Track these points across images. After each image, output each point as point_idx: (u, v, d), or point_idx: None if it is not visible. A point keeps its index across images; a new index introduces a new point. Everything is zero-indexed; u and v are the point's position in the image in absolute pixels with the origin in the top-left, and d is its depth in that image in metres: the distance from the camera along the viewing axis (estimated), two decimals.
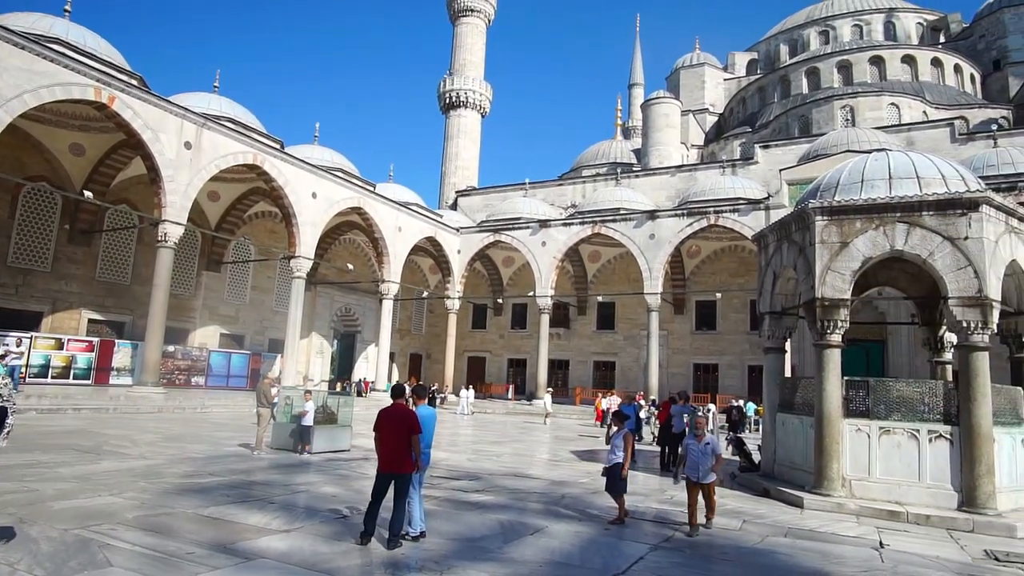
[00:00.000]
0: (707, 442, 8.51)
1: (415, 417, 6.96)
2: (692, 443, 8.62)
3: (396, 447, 6.77)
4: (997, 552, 7.88)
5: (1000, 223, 10.43)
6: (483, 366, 43.10)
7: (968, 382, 9.92)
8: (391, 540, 6.73)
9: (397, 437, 6.78)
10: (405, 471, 6.79)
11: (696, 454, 8.47)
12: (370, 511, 6.83)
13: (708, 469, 8.39)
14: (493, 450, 16.87)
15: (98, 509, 7.64)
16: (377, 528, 6.89)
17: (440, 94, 50.88)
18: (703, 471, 8.39)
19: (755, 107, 51.42)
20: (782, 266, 12.49)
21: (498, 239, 37.17)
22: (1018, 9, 46.94)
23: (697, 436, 8.62)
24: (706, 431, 8.71)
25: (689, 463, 8.57)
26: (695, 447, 8.53)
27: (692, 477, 8.49)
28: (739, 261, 35.48)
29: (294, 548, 6.60)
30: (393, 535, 6.75)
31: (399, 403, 7.08)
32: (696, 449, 8.50)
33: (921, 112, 40.74)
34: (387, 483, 6.83)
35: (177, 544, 6.43)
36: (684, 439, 8.99)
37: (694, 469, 8.46)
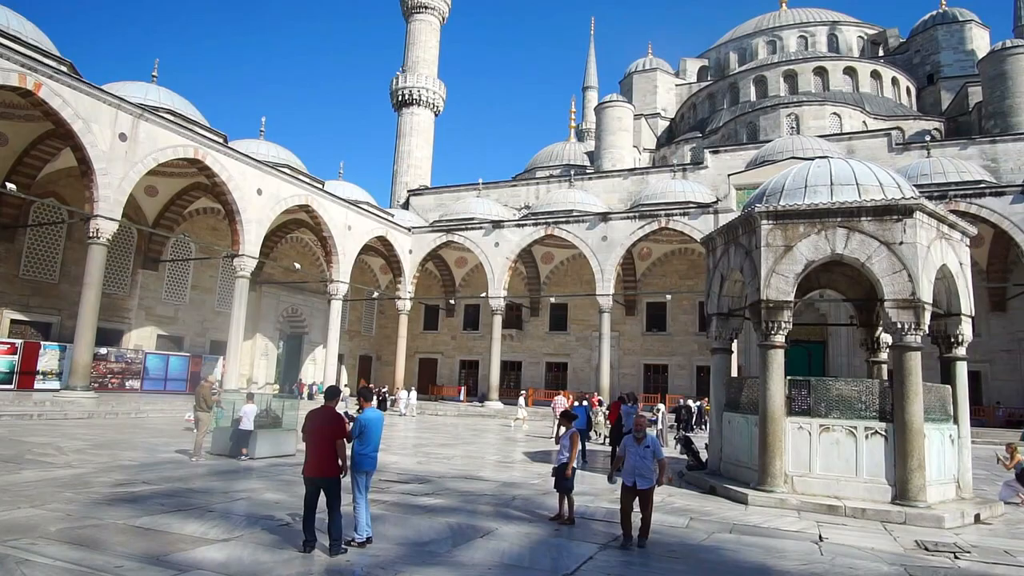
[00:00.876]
0: (647, 444, 7.62)
1: (342, 420, 6.82)
2: (631, 444, 7.72)
3: (323, 451, 6.62)
4: (927, 542, 8.19)
5: (932, 229, 10.88)
6: (435, 368, 42.76)
7: (902, 381, 10.31)
8: (332, 546, 6.55)
9: (324, 441, 6.63)
10: (332, 475, 6.63)
11: (634, 457, 7.60)
12: (306, 518, 6.66)
13: (647, 474, 7.53)
14: (443, 453, 16.70)
15: (17, 523, 7.18)
16: (322, 535, 6.70)
17: (393, 91, 50.30)
18: (640, 476, 7.53)
19: (705, 113, 52.60)
20: (729, 268, 12.74)
21: (451, 239, 36.94)
22: (950, 27, 49.42)
23: (637, 437, 7.72)
24: (648, 432, 7.87)
25: (626, 467, 7.69)
26: (634, 449, 7.66)
27: (627, 482, 7.59)
28: (689, 263, 36.18)
29: (233, 558, 6.34)
30: (334, 541, 6.57)
31: (328, 405, 6.95)
32: (635, 451, 7.62)
33: (861, 122, 42.39)
34: (316, 488, 6.66)
35: (105, 558, 6.09)
36: (622, 439, 8.03)
37: (630, 474, 7.58)
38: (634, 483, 7.54)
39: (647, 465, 7.56)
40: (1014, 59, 38.76)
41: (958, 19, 49.55)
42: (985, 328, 29.59)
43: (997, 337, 30.49)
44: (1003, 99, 38.55)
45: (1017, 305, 29.63)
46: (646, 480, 7.54)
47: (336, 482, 6.71)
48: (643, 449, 7.61)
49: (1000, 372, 30.56)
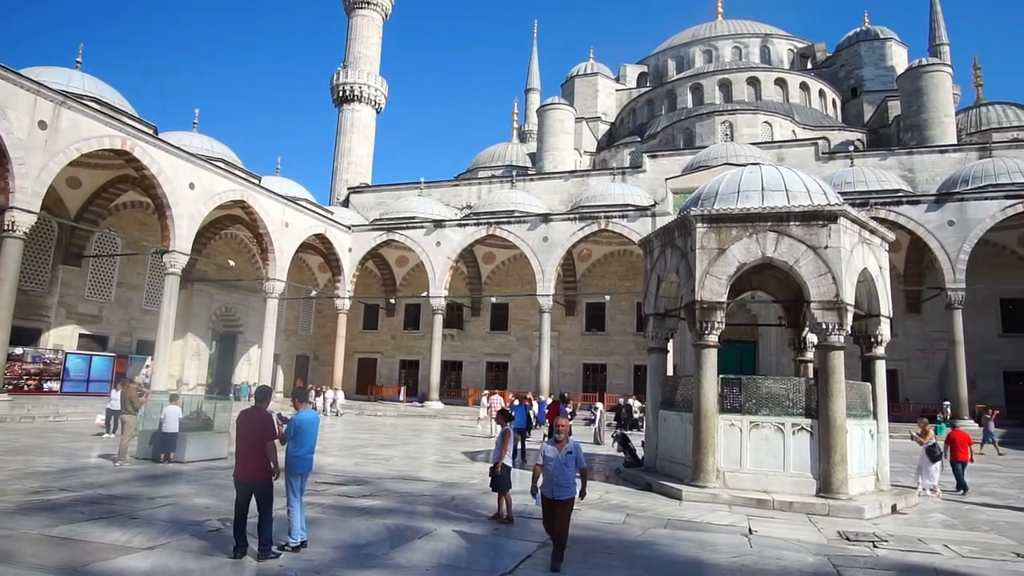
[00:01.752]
0: (569, 450, 6.77)
1: (271, 422, 6.67)
2: (551, 450, 6.83)
3: (253, 453, 6.46)
4: (848, 533, 8.62)
5: (855, 234, 11.46)
6: (374, 368, 42.14)
7: (826, 379, 10.81)
8: (262, 550, 6.38)
9: (254, 442, 6.47)
10: (262, 478, 6.47)
11: (554, 464, 6.71)
12: (237, 522, 6.46)
13: (567, 483, 6.64)
14: (382, 453, 16.49)
15: None
16: (254, 540, 6.50)
17: (333, 86, 49.28)
18: (559, 485, 6.63)
19: (644, 118, 53.76)
20: (666, 270, 13.06)
21: (392, 238, 36.50)
22: (872, 44, 52.19)
23: (558, 441, 6.87)
24: (568, 436, 6.99)
25: (544, 475, 6.80)
26: (554, 455, 6.77)
27: (545, 493, 6.75)
28: (627, 265, 36.90)
29: (158, 567, 6.08)
30: (263, 545, 6.40)
31: (259, 407, 6.80)
32: (555, 458, 6.75)
33: (791, 131, 44.22)
34: (247, 491, 6.49)
35: (16, 571, 5.73)
36: (542, 444, 7.26)
37: (548, 483, 6.71)
38: (553, 493, 6.66)
39: (567, 474, 6.67)
40: (928, 76, 41.25)
41: (879, 36, 52.37)
42: (902, 329, 31.35)
43: (913, 337, 32.37)
44: (919, 113, 40.98)
45: (930, 307, 31.54)
46: (565, 490, 6.65)
47: (268, 485, 6.54)
48: (564, 455, 6.75)
49: (915, 370, 32.45)
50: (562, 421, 7.02)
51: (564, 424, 6.99)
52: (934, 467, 12.23)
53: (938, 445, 12.50)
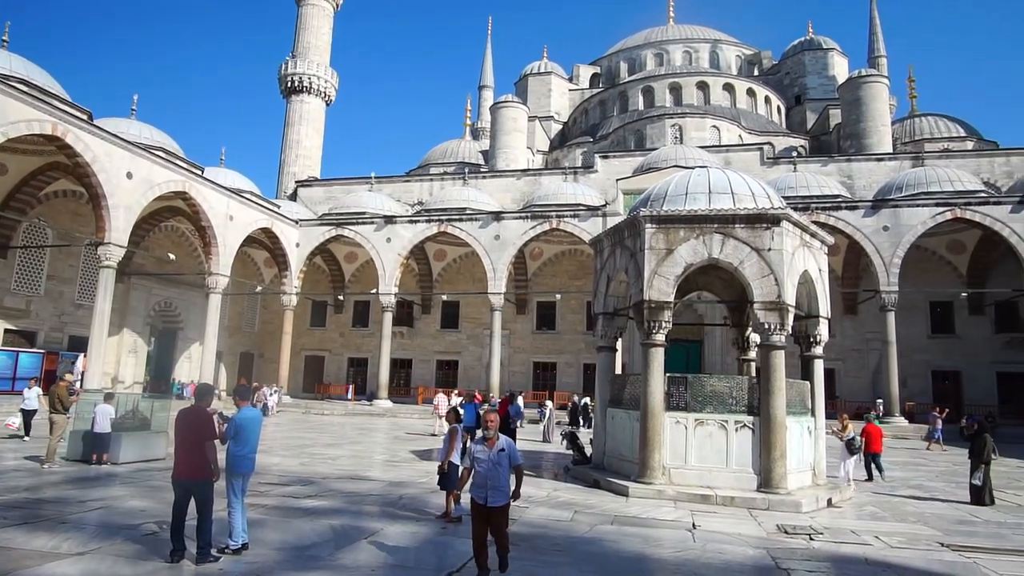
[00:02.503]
0: (501, 447, 6.04)
1: (211, 421, 6.47)
2: (480, 449, 6.08)
3: (192, 452, 6.26)
4: (786, 526, 8.92)
5: (796, 237, 11.85)
6: (322, 365, 41.35)
7: (768, 377, 11.15)
8: (201, 553, 6.17)
9: (193, 442, 6.27)
10: (201, 478, 6.27)
11: (486, 465, 5.99)
12: (175, 525, 6.24)
13: (501, 486, 5.97)
14: (328, 453, 16.19)
15: None
16: (193, 543, 6.28)
17: (281, 77, 48.06)
18: (493, 488, 5.93)
19: (596, 119, 54.34)
20: (615, 270, 13.23)
21: (341, 233, 35.87)
22: (815, 53, 54.10)
23: (487, 439, 6.13)
24: (498, 433, 6.25)
25: (475, 478, 6.09)
26: (485, 455, 6.03)
27: (477, 498, 5.99)
28: (578, 264, 37.24)
29: (88, 573, 5.81)
30: (202, 548, 6.19)
31: (199, 405, 6.61)
32: (486, 458, 6.01)
33: (737, 135, 45.43)
34: (187, 493, 6.28)
35: None
36: (470, 444, 6.49)
37: (480, 487, 5.99)
38: (485, 499, 5.95)
39: (501, 475, 5.96)
40: (867, 87, 43.02)
41: (822, 47, 54.32)
42: (839, 329, 32.63)
43: (849, 338, 33.73)
44: (858, 122, 42.69)
45: (866, 309, 32.93)
46: (499, 494, 5.95)
47: (208, 486, 6.33)
48: (496, 454, 6.00)
49: (851, 369, 33.84)
50: (490, 416, 6.21)
51: (492, 419, 6.20)
52: (851, 459, 12.85)
53: (856, 439, 13.16)
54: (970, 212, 28.61)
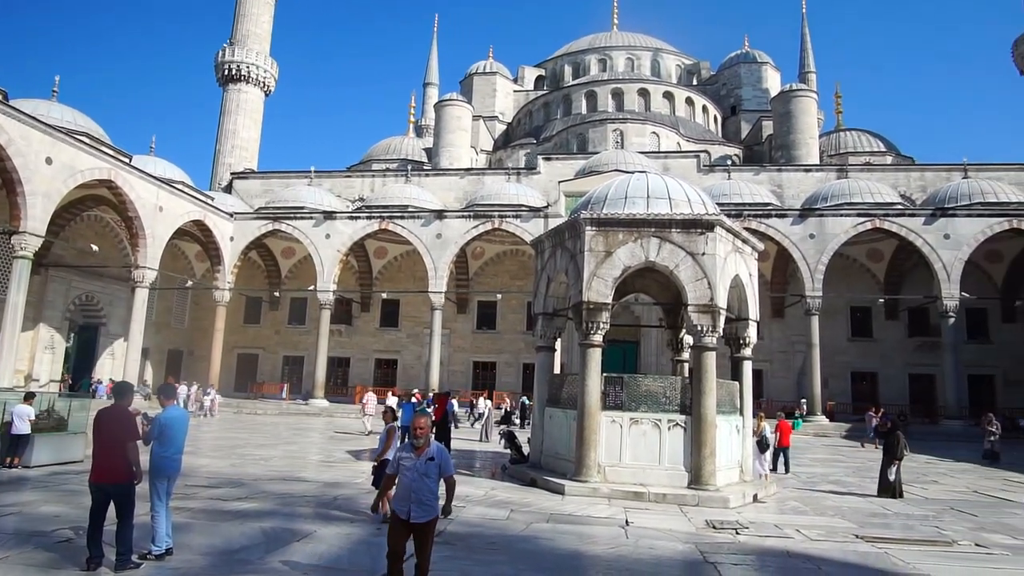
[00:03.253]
0: (431, 456, 5.33)
1: (133, 420, 6.21)
2: (408, 457, 5.34)
3: (111, 454, 6.00)
4: (715, 521, 9.24)
5: (729, 243, 12.28)
6: (255, 364, 40.10)
7: (699, 377, 11.51)
8: (120, 560, 5.91)
9: (112, 443, 6.01)
10: (122, 481, 6.02)
11: (411, 475, 5.26)
12: (92, 532, 5.94)
13: (428, 499, 5.22)
14: (260, 453, 15.75)
15: None
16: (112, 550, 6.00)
17: (218, 64, 46.34)
18: (419, 503, 5.18)
19: (540, 120, 54.78)
20: (556, 271, 13.39)
21: (278, 228, 34.88)
22: (750, 66, 56.15)
23: (416, 447, 5.36)
24: (432, 439, 5.55)
25: (399, 489, 5.36)
26: (411, 463, 5.30)
27: (399, 511, 5.24)
28: (519, 264, 37.45)
29: None
30: (121, 554, 5.93)
31: (120, 404, 6.33)
32: (412, 467, 5.29)
33: (676, 142, 46.66)
34: (106, 496, 6.01)
35: None
36: (395, 452, 5.72)
37: (404, 499, 5.24)
38: (407, 513, 5.19)
39: (429, 487, 5.25)
40: (797, 100, 44.98)
41: (757, 60, 56.44)
42: (767, 332, 33.96)
43: (776, 340, 35.17)
44: (788, 134, 44.56)
45: (792, 313, 34.41)
46: (425, 509, 5.21)
47: (129, 489, 6.06)
48: (424, 463, 5.28)
49: (777, 370, 35.30)
50: (419, 421, 5.45)
51: (422, 424, 5.43)
52: (764, 456, 13.47)
53: (767, 437, 13.83)
54: (888, 223, 30.31)
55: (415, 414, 5.74)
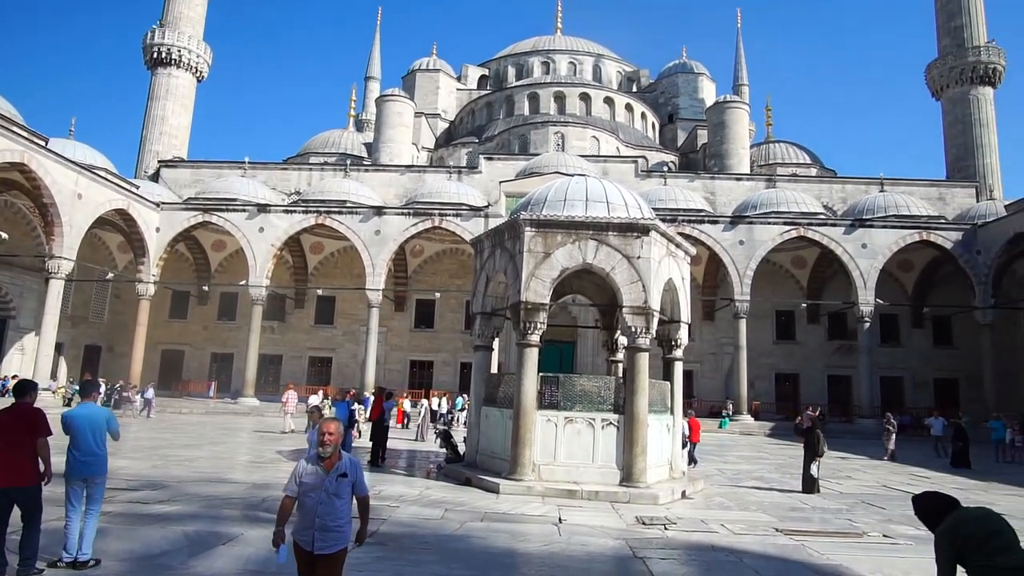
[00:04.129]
0: (342, 471, 4.37)
1: (40, 418, 5.84)
2: (311, 471, 4.37)
3: (14, 455, 5.65)
4: (644, 517, 9.49)
5: (663, 247, 12.63)
6: (181, 361, 38.46)
7: (633, 378, 11.79)
8: (24, 566, 5.58)
9: (15, 444, 5.66)
10: (26, 484, 5.68)
11: (317, 495, 4.30)
12: None
13: (336, 525, 4.27)
14: (186, 454, 15.15)
15: None
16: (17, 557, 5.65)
17: (147, 46, 44.19)
18: (324, 530, 4.24)
19: (483, 120, 54.79)
20: (495, 270, 13.44)
21: (209, 220, 33.58)
22: (688, 76, 57.84)
23: (323, 458, 4.38)
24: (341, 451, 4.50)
25: (301, 512, 4.36)
26: (317, 480, 4.33)
27: (301, 541, 4.27)
28: (459, 264, 37.35)
29: None
30: (26, 560, 5.60)
31: (23, 402, 5.94)
32: (317, 484, 4.32)
33: (615, 147, 47.57)
34: (9, 501, 5.65)
35: None
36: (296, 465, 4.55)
37: (307, 525, 4.27)
38: (312, 542, 4.23)
39: (339, 509, 4.32)
40: (730, 111, 46.66)
41: (694, 71, 58.20)
42: (698, 334, 35.08)
43: (707, 342, 36.37)
44: (722, 144, 46.16)
45: (722, 316, 35.66)
46: (334, 537, 4.27)
47: (34, 492, 5.72)
48: (334, 481, 4.34)
49: (707, 371, 36.51)
50: (329, 427, 4.43)
51: (333, 432, 4.41)
52: (683, 452, 14.06)
53: (684, 434, 14.40)
54: (811, 232, 31.86)
55: (323, 419, 4.79)
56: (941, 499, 3.86)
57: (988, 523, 3.60)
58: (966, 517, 3.68)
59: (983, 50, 42.91)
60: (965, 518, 3.67)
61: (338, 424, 4.56)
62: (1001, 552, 3.43)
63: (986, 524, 3.59)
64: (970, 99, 43.14)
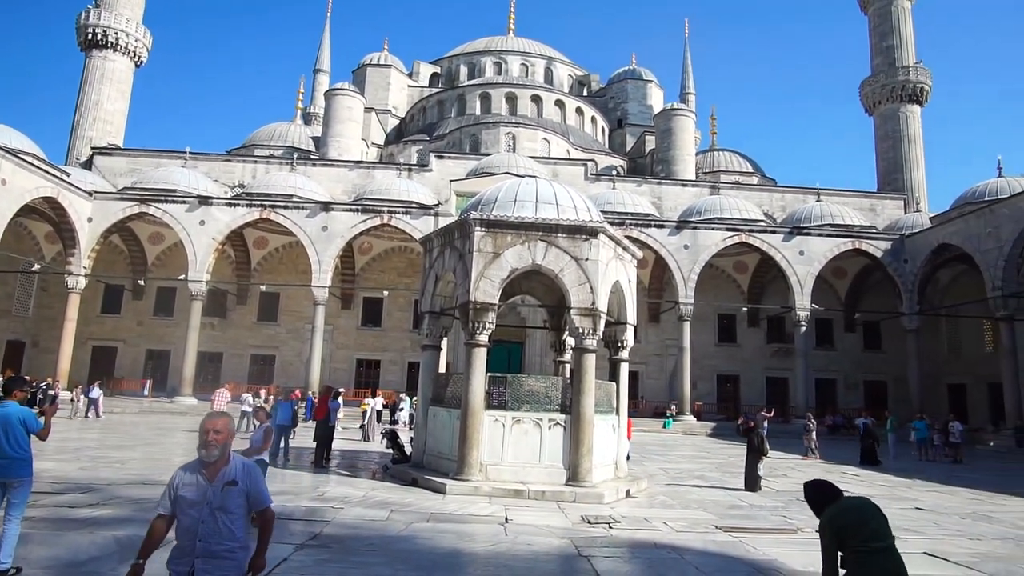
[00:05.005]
0: (231, 479, 3.58)
1: None
2: (190, 480, 3.61)
3: None
4: (589, 516, 9.61)
5: (611, 250, 12.82)
6: (114, 357, 36.77)
7: (580, 378, 11.92)
8: None
9: None
10: None
11: (200, 512, 3.54)
12: None
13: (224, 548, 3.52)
14: (116, 455, 14.52)
15: None
16: None
17: (80, 27, 42.09)
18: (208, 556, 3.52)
19: (434, 118, 54.46)
20: (444, 269, 13.37)
21: (146, 211, 32.22)
22: (637, 82, 58.89)
23: (206, 464, 3.60)
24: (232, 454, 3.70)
25: (180, 535, 3.61)
26: (198, 493, 3.57)
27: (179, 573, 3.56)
28: (408, 262, 37.00)
29: None
30: None
31: None
32: (198, 498, 3.56)
33: (565, 150, 48.02)
34: None
35: None
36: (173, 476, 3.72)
37: (187, 551, 3.56)
38: (191, 574, 3.50)
39: (227, 528, 3.52)
40: (677, 119, 47.80)
41: (643, 77, 59.32)
42: (644, 336, 35.76)
43: (652, 343, 37.12)
44: (668, 150, 47.22)
45: (667, 318, 36.47)
46: (223, 566, 3.52)
47: None
48: (220, 492, 3.53)
49: (652, 372, 37.26)
50: (216, 423, 3.59)
51: (220, 430, 3.57)
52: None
53: None
54: (752, 238, 32.94)
55: (209, 415, 3.72)
56: (827, 490, 4.23)
57: (863, 513, 4.01)
58: (845, 507, 4.08)
59: (912, 70, 45.25)
60: (844, 507, 4.07)
61: (227, 421, 3.65)
62: (873, 538, 3.89)
63: (862, 514, 4.01)
64: (900, 116, 45.42)
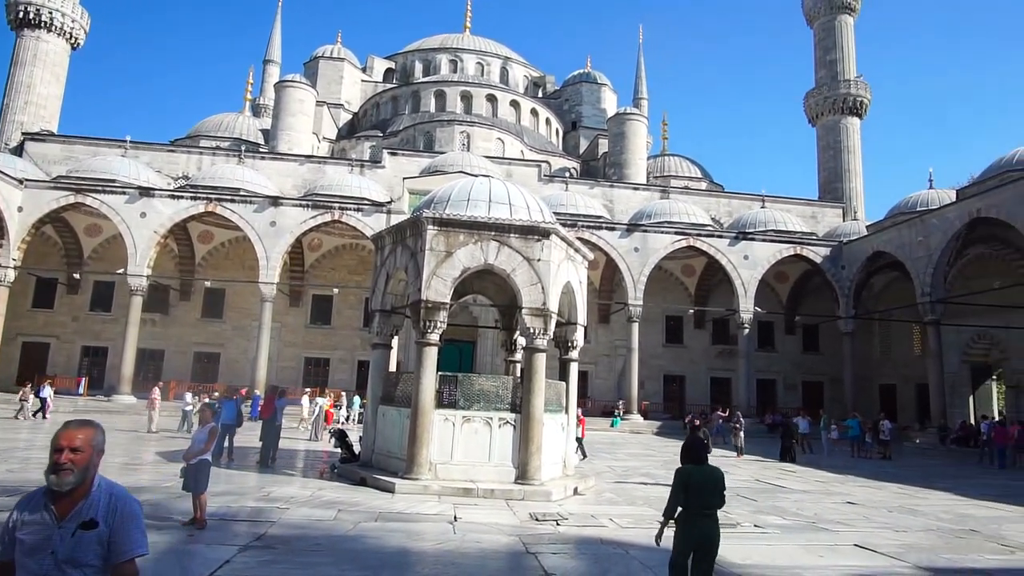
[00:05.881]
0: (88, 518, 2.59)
1: None
2: (33, 522, 2.61)
3: None
4: (538, 514, 9.74)
5: (563, 251, 13.00)
6: (46, 354, 35.08)
7: (530, 377, 12.05)
8: None
9: None
10: None
11: (42, 562, 2.52)
12: None
13: None
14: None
15: None
16: None
17: (9, 3, 39.96)
18: None
19: (388, 114, 53.90)
20: (395, 268, 13.31)
21: (82, 201, 30.85)
22: (591, 86, 59.62)
23: (57, 500, 2.63)
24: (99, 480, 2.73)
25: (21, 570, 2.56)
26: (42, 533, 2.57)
27: None
28: (358, 259, 36.54)
29: None
30: None
31: None
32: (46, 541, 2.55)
33: (519, 150, 48.24)
34: None
35: None
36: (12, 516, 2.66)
37: None
38: None
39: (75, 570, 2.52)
40: (629, 123, 48.61)
41: (597, 81, 60.07)
42: (594, 336, 36.27)
43: (602, 344, 37.67)
44: (621, 153, 47.95)
45: (616, 319, 37.08)
46: None
47: None
48: (68, 536, 2.57)
49: (601, 372, 37.82)
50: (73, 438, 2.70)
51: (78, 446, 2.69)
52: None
53: None
54: (700, 242, 33.82)
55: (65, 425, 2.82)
56: (697, 451, 5.42)
57: (707, 478, 5.23)
58: (698, 470, 5.28)
59: (853, 83, 47.19)
60: (697, 470, 5.27)
61: (90, 433, 2.74)
62: (704, 496, 5.17)
63: (706, 481, 5.22)
64: (840, 127, 47.30)
